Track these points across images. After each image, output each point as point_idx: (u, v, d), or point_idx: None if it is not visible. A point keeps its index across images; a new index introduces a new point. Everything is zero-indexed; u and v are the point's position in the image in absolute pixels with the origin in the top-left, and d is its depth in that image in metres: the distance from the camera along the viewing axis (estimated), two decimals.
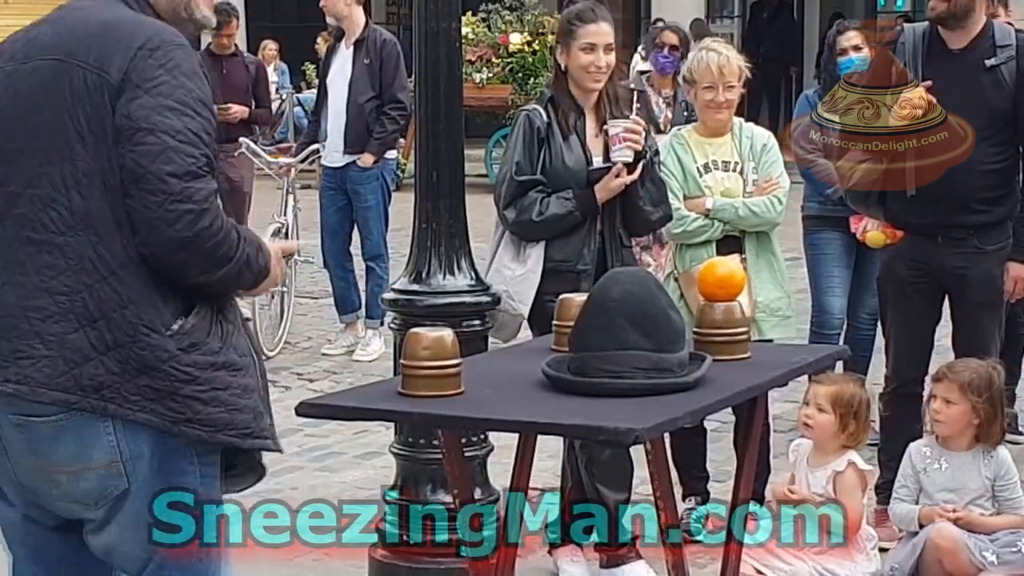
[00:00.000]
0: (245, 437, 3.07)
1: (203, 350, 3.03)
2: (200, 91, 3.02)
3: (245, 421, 3.05)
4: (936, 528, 4.98)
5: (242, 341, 3.09)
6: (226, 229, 2.99)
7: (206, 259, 2.98)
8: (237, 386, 3.05)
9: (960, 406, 5.02)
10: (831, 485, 5.09)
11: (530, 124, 5.08)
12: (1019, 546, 4.98)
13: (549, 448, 5.34)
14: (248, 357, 3.09)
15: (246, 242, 3.05)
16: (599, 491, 5.06)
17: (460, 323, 4.60)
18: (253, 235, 3.11)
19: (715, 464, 5.88)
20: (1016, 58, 5.43)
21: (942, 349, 5.84)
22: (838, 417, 5.07)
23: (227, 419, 3.04)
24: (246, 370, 3.07)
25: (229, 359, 3.05)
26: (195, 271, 3.00)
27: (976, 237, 5.49)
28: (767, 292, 5.49)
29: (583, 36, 5.05)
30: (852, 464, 5.10)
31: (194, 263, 2.98)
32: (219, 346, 3.05)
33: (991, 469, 5.07)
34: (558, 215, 5.00)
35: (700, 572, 4.99)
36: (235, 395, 3.05)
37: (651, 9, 22.08)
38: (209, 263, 2.99)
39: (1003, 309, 5.69)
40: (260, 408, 3.08)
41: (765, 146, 5.59)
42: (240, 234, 3.04)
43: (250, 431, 3.06)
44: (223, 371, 3.04)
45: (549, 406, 2.97)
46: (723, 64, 5.50)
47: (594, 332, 3.04)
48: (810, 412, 5.11)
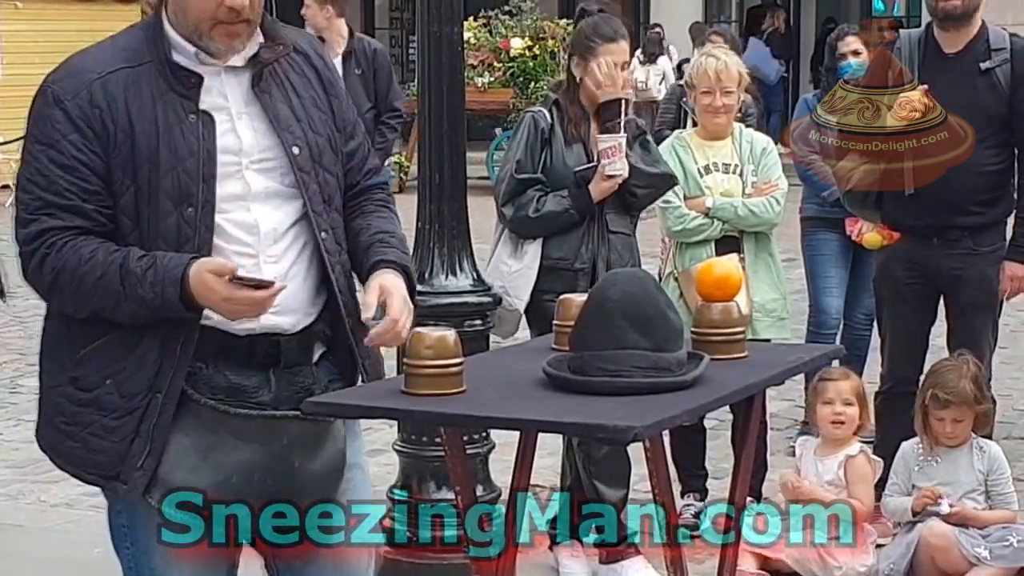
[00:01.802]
0: (108, 479, 3.04)
1: (82, 384, 3.02)
2: (32, 135, 3.02)
3: (106, 463, 3.01)
4: (928, 526, 4.99)
5: (136, 383, 2.97)
6: (58, 269, 2.94)
7: (48, 296, 3.02)
8: (100, 426, 3.00)
9: (968, 420, 5.07)
10: (842, 470, 5.13)
11: (535, 125, 5.10)
12: (1011, 541, 4.99)
13: (549, 446, 5.34)
14: (135, 399, 2.98)
15: (124, 275, 2.91)
16: (597, 488, 5.07)
17: (462, 323, 4.61)
18: (162, 263, 2.92)
19: (713, 462, 5.89)
20: (1011, 61, 5.43)
21: (936, 349, 5.85)
22: (860, 409, 5.19)
23: (85, 457, 3.03)
24: (118, 412, 2.98)
25: (100, 399, 3.00)
26: (50, 304, 3.06)
27: (971, 239, 5.49)
28: (763, 293, 5.50)
29: (603, 54, 5.04)
30: (863, 450, 5.16)
31: (42, 297, 3.05)
32: (99, 383, 3.00)
33: (984, 464, 5.08)
34: (554, 212, 5.02)
35: (698, 568, 4.99)
36: (94, 435, 3.00)
37: (649, 14, 22.11)
38: (53, 299, 3.02)
39: (997, 309, 5.70)
40: (127, 452, 2.99)
41: (765, 150, 5.62)
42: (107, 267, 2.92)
43: (111, 474, 3.02)
44: (89, 408, 3.00)
45: (549, 404, 2.97)
46: (721, 69, 5.52)
47: (593, 332, 3.05)
48: (840, 409, 5.17)
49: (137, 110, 2.96)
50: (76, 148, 2.96)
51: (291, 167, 3.06)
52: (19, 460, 6.74)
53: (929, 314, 5.68)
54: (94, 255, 2.94)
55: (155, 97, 2.99)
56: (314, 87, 3.16)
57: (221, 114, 3.03)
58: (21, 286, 6.70)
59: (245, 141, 3.04)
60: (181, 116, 2.99)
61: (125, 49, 3.05)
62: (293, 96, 3.11)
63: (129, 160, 2.96)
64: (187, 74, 3.01)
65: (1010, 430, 6.84)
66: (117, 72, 2.99)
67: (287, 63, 3.13)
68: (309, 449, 3.09)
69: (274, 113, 3.06)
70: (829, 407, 5.20)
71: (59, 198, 2.96)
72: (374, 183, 3.29)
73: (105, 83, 2.98)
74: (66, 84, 3.00)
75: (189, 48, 3.03)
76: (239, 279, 2.89)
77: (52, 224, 2.96)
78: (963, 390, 5.06)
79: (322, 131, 3.13)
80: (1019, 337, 8.95)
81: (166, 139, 2.96)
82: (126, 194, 2.97)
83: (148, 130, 2.96)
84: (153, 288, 2.91)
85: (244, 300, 2.91)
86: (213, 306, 2.93)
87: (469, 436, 4.58)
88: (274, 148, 3.06)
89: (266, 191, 3.05)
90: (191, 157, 2.97)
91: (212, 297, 2.90)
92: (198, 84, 3.01)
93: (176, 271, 2.90)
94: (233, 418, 3.03)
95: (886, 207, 5.61)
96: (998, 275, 5.52)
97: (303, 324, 3.09)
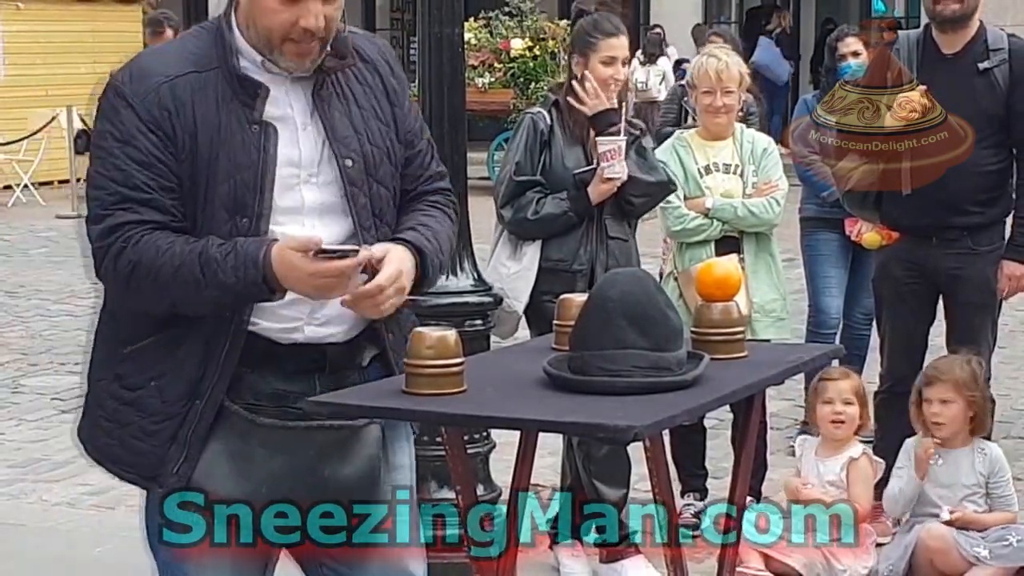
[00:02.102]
0: (146, 480, 3.05)
1: (126, 382, 3.01)
2: (105, 132, 2.96)
3: (144, 464, 3.01)
4: (926, 528, 4.99)
5: (177, 388, 2.97)
6: (134, 262, 2.90)
7: (124, 291, 2.97)
8: (139, 428, 3.00)
9: (957, 404, 5.04)
10: (845, 472, 5.13)
11: (534, 127, 5.09)
12: (1010, 541, 4.99)
13: (549, 445, 5.34)
14: (175, 405, 2.97)
15: (203, 263, 2.88)
16: (597, 488, 5.07)
17: (463, 323, 4.62)
18: (243, 247, 2.88)
19: (713, 461, 5.89)
20: (1009, 61, 5.44)
21: (935, 348, 5.85)
22: (861, 408, 5.17)
23: (122, 456, 3.03)
24: (157, 417, 2.98)
25: (142, 400, 2.99)
26: (124, 300, 3.01)
27: (970, 238, 5.50)
28: (763, 293, 5.50)
29: (604, 49, 5.04)
30: (866, 452, 5.16)
31: (117, 294, 3.02)
32: (143, 384, 2.99)
33: (985, 466, 5.08)
34: (553, 214, 5.02)
35: (698, 567, 4.98)
36: (133, 436, 3.00)
37: (649, 15, 22.11)
38: (130, 295, 2.97)
39: (996, 309, 5.70)
40: (165, 456, 2.99)
41: (766, 150, 5.62)
42: (185, 257, 2.89)
43: (149, 475, 3.03)
44: (131, 408, 3.00)
45: (550, 404, 2.97)
46: (721, 70, 5.52)
47: (593, 331, 3.04)
48: (840, 408, 5.17)
49: (202, 116, 2.92)
50: (153, 145, 2.92)
51: (341, 180, 3.02)
52: (21, 460, 6.74)
53: (928, 314, 5.69)
54: (171, 246, 2.90)
55: (219, 104, 2.94)
56: (376, 97, 3.10)
57: (285, 125, 2.98)
58: (23, 286, 6.64)
59: (304, 154, 3.00)
60: (243, 125, 2.94)
61: (194, 53, 3.00)
62: (353, 107, 3.05)
63: (190, 165, 2.93)
64: (252, 83, 2.96)
65: (1009, 429, 6.85)
66: (185, 76, 2.95)
67: (351, 72, 3.07)
68: (338, 458, 3.07)
69: (330, 124, 3.01)
70: (829, 407, 5.20)
71: (137, 192, 2.91)
72: (434, 188, 3.22)
73: (173, 86, 2.93)
74: (136, 87, 2.95)
75: (256, 56, 2.98)
76: (323, 252, 2.84)
77: (129, 218, 2.92)
78: (951, 370, 5.07)
79: (380, 143, 3.07)
80: (1018, 337, 8.95)
81: (226, 147, 2.93)
82: (185, 199, 2.95)
83: (210, 137, 2.93)
84: (235, 272, 2.86)
85: (330, 271, 2.84)
86: (298, 284, 2.87)
87: (470, 436, 4.59)
88: (329, 161, 3.01)
89: (321, 206, 3.01)
90: (249, 167, 2.93)
91: (297, 274, 2.85)
92: (264, 94, 2.96)
93: (257, 253, 2.86)
94: (262, 428, 3.01)
95: (885, 207, 5.61)
96: (996, 275, 5.52)
97: (353, 334, 3.07)
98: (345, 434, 3.07)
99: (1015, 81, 5.43)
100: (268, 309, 2.97)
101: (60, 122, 16.36)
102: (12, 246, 13.69)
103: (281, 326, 3.00)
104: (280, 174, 2.96)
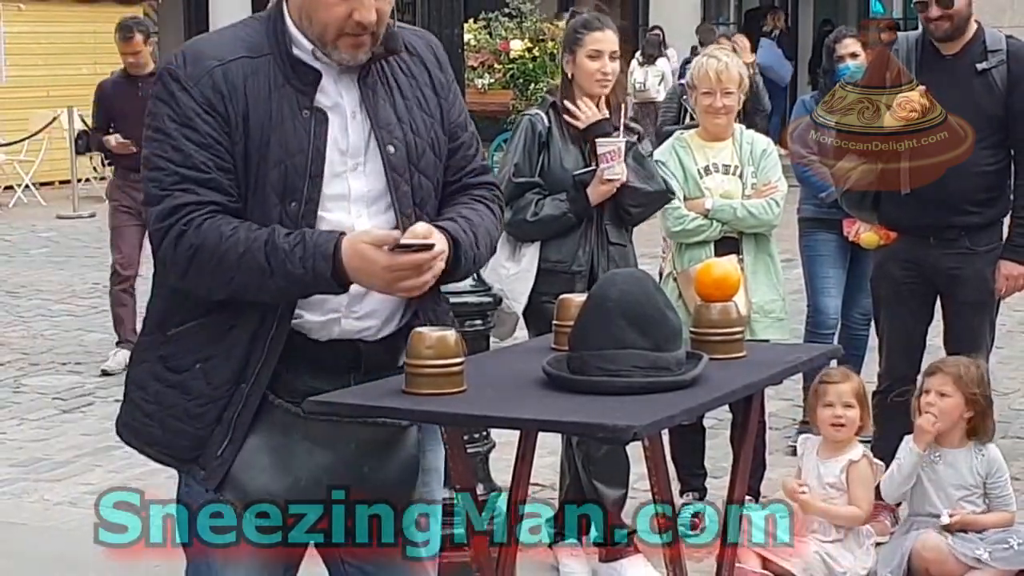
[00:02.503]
0: (184, 463, 3.04)
1: (171, 364, 3.01)
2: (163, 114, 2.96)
3: (184, 447, 3.01)
4: (921, 540, 4.99)
5: (223, 372, 2.97)
6: (196, 246, 2.90)
7: (185, 274, 2.95)
8: (182, 410, 3.00)
9: (954, 398, 5.03)
10: (845, 475, 5.13)
11: (532, 128, 5.10)
12: (1011, 543, 4.99)
13: (549, 445, 5.34)
14: (220, 389, 2.97)
15: (269, 251, 2.87)
16: (596, 487, 5.07)
17: (463, 323, 4.61)
18: (312, 239, 2.87)
19: (712, 461, 5.88)
20: (1007, 62, 5.44)
21: (933, 348, 5.85)
22: (861, 410, 5.15)
23: (160, 438, 3.03)
24: (202, 399, 2.99)
25: (187, 383, 2.99)
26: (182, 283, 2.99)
27: (968, 238, 5.50)
28: (762, 294, 5.50)
29: (589, 43, 5.06)
30: (866, 454, 5.16)
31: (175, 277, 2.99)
32: (188, 366, 2.99)
33: (983, 466, 5.07)
34: (552, 216, 5.02)
35: (697, 566, 4.98)
36: (175, 417, 3.00)
37: (648, 16, 22.11)
38: (190, 278, 2.95)
39: (994, 309, 5.70)
40: (208, 438, 2.99)
41: (765, 151, 5.61)
42: (250, 244, 2.88)
43: (189, 458, 3.02)
44: (175, 390, 3.00)
45: (549, 404, 2.97)
46: (721, 70, 5.51)
47: (593, 332, 3.04)
48: (840, 412, 5.15)
49: (254, 100, 2.93)
50: (209, 127, 2.92)
51: (384, 167, 3.02)
52: (22, 459, 6.74)
53: (926, 314, 5.69)
54: (235, 232, 2.90)
55: (272, 89, 2.95)
56: (421, 88, 3.11)
57: (335, 112, 3.00)
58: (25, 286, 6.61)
59: (352, 141, 3.01)
60: (295, 110, 2.96)
61: (246, 39, 3.01)
62: (398, 96, 3.07)
63: (242, 149, 2.93)
64: (306, 69, 2.98)
65: (1007, 429, 6.84)
66: (238, 61, 2.96)
67: (396, 64, 3.08)
68: (379, 455, 3.08)
69: (375, 112, 3.02)
70: (830, 410, 5.18)
71: (197, 172, 2.92)
72: (479, 181, 3.22)
73: (226, 71, 2.94)
74: (189, 70, 2.95)
75: (308, 45, 2.99)
76: (401, 246, 2.85)
77: (188, 199, 2.91)
78: (956, 365, 5.07)
79: (424, 134, 3.08)
80: (1015, 337, 8.96)
81: (278, 132, 2.94)
82: (238, 182, 2.95)
83: (262, 121, 2.93)
84: (304, 263, 2.86)
85: (406, 264, 2.86)
86: (371, 278, 2.88)
87: (470, 435, 4.59)
88: (374, 149, 3.02)
89: (368, 194, 3.02)
90: (300, 153, 2.94)
91: (371, 268, 2.85)
92: (316, 80, 2.98)
93: (327, 245, 2.86)
94: (304, 421, 3.00)
95: (883, 207, 5.61)
96: (994, 274, 5.52)
97: (386, 332, 3.07)
98: (387, 432, 3.08)
99: (1013, 82, 5.44)
100: (312, 299, 2.97)
101: (61, 123, 16.37)
102: (13, 246, 13.69)
103: (321, 318, 3.01)
104: (330, 159, 2.97)
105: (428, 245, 2.88)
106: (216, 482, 3.01)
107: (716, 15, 23.80)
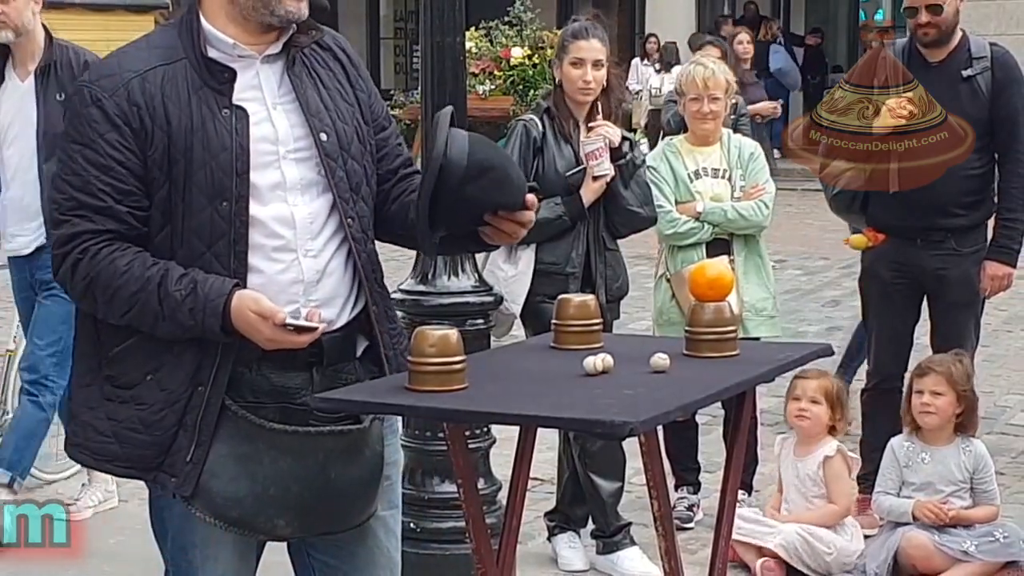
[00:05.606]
0: (147, 471, 2.99)
1: (119, 382, 2.97)
2: (69, 133, 2.95)
3: (141, 456, 2.96)
4: (906, 537, 4.99)
5: (177, 377, 2.93)
6: (91, 277, 2.88)
7: (80, 300, 2.96)
8: (138, 420, 2.95)
9: (948, 396, 5.05)
10: (821, 470, 5.13)
11: (527, 133, 5.10)
12: (996, 537, 5.00)
13: (547, 440, 5.35)
14: (176, 392, 2.92)
15: (162, 297, 2.86)
16: (593, 481, 5.08)
17: (464, 322, 4.62)
18: (203, 291, 2.86)
19: (706, 456, 5.89)
20: (991, 69, 5.45)
21: (920, 346, 5.85)
22: (828, 407, 5.13)
23: (116, 452, 2.98)
24: (158, 405, 2.93)
25: (140, 395, 2.95)
26: (83, 307, 3.00)
27: (954, 240, 5.51)
28: (753, 293, 5.51)
29: (573, 51, 5.07)
30: (840, 450, 5.16)
31: (75, 300, 3.00)
32: (139, 380, 2.95)
33: (971, 462, 5.08)
34: (548, 219, 5.02)
35: (691, 558, 4.99)
36: (131, 429, 2.95)
37: (644, 24, 22.10)
38: (85, 303, 2.96)
39: (979, 308, 5.70)
40: (171, 444, 2.94)
41: (752, 155, 5.62)
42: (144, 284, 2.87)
43: (152, 466, 2.97)
44: (128, 404, 2.95)
45: (548, 400, 2.97)
46: (708, 77, 5.53)
47: None
48: (804, 405, 5.16)
49: (174, 106, 2.91)
50: (112, 147, 2.90)
51: (319, 154, 3.02)
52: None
53: (913, 313, 5.69)
54: (130, 268, 2.88)
55: (190, 92, 2.93)
56: (339, 80, 3.11)
57: (255, 105, 2.98)
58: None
59: (280, 130, 2.99)
60: (215, 111, 2.94)
61: (160, 47, 2.99)
62: (321, 87, 3.06)
63: (165, 156, 2.91)
64: (221, 68, 2.96)
65: (992, 425, 6.85)
66: (154, 70, 2.94)
67: (313, 57, 3.09)
68: (345, 461, 3.06)
69: (304, 100, 3.01)
70: (796, 403, 5.21)
71: (93, 199, 2.90)
72: (412, 172, 3.24)
73: (143, 81, 2.92)
74: (104, 83, 2.93)
75: (227, 40, 2.97)
76: (287, 325, 2.86)
77: (85, 227, 2.90)
78: (945, 364, 5.08)
79: (349, 121, 3.08)
80: (1000, 336, 8.96)
81: (200, 134, 2.91)
82: (160, 190, 2.92)
83: (184, 125, 2.91)
84: (193, 316, 2.85)
85: (286, 343, 2.89)
86: (254, 339, 2.89)
87: (471, 431, 4.59)
88: (307, 137, 3.01)
89: (302, 181, 3.00)
90: (224, 151, 2.92)
91: (255, 335, 2.87)
92: (231, 79, 2.96)
93: (217, 303, 2.86)
94: (268, 432, 2.98)
95: (872, 210, 5.62)
96: (979, 275, 5.53)
97: (344, 319, 3.06)
98: (352, 437, 3.07)
99: (997, 88, 5.45)
100: (267, 292, 2.94)
101: None
102: None
103: None
104: (257, 151, 2.95)
105: (312, 328, 2.89)
106: (190, 488, 2.96)
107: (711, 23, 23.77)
